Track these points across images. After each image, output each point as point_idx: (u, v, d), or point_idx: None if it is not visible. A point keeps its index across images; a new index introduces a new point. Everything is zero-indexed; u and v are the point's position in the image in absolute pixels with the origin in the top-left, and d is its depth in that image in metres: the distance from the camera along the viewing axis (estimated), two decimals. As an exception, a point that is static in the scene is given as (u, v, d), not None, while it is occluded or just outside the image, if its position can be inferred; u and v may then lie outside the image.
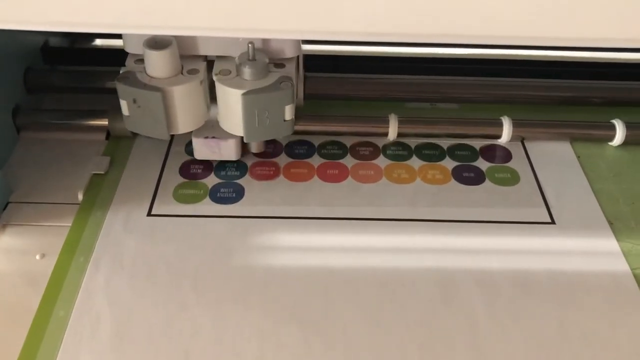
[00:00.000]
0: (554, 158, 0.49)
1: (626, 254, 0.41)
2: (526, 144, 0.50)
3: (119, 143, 0.49)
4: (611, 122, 0.50)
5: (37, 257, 0.40)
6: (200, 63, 0.42)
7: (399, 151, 0.49)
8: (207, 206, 0.44)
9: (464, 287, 0.39)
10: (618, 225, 0.43)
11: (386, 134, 0.49)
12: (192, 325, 0.36)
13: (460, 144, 0.50)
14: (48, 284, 0.38)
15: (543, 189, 0.46)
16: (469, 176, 0.47)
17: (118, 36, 0.61)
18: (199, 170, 0.47)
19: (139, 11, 0.28)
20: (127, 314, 0.36)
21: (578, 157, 0.49)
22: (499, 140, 0.50)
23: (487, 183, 0.46)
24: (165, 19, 0.29)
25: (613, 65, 0.58)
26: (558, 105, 0.55)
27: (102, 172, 0.46)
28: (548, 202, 0.45)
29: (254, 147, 0.47)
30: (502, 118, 0.50)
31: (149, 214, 0.43)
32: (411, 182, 0.46)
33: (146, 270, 0.39)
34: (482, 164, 0.48)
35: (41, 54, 0.56)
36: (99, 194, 0.45)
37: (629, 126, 0.49)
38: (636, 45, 0.30)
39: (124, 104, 0.41)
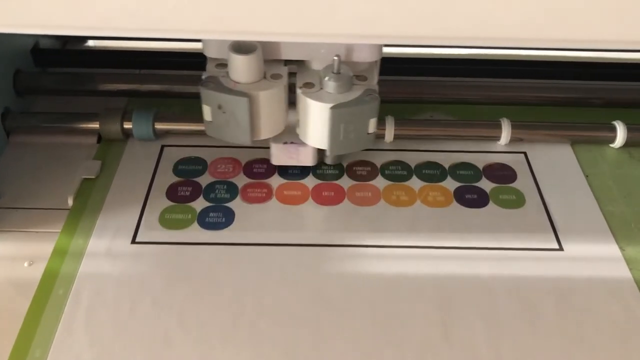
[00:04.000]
0: (561, 176, 0.47)
1: (638, 283, 0.39)
2: (529, 155, 0.48)
3: (111, 146, 0.48)
4: (612, 124, 0.49)
5: (26, 264, 0.39)
6: (282, 68, 0.41)
7: (398, 171, 0.46)
8: (195, 232, 0.41)
9: (466, 321, 0.36)
10: (629, 252, 0.41)
11: (382, 136, 0.48)
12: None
13: (462, 163, 0.47)
14: (37, 291, 0.37)
15: (550, 212, 0.43)
16: (471, 198, 0.44)
17: (110, 37, 0.60)
18: (187, 193, 0.44)
19: (127, 13, 0.27)
20: (108, 356, 0.34)
21: (587, 176, 0.46)
22: (498, 143, 0.49)
23: (491, 205, 0.44)
24: (152, 20, 0.27)
25: (614, 66, 0.57)
26: (558, 106, 0.53)
27: (93, 177, 0.45)
28: (555, 226, 0.42)
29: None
30: (501, 120, 0.48)
31: (133, 242, 0.41)
32: (411, 205, 0.44)
33: (129, 304, 0.37)
34: (486, 185, 0.46)
35: (31, 56, 0.55)
36: (89, 199, 0.43)
37: (630, 128, 0.48)
38: (636, 47, 0.28)
39: (207, 110, 0.40)
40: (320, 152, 0.45)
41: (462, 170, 0.47)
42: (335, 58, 0.39)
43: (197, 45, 0.57)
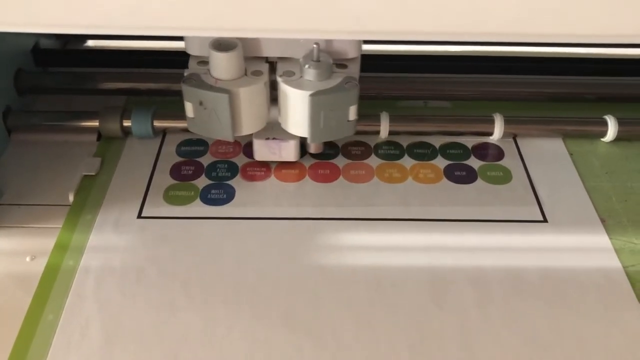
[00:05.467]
0: (547, 155, 0.49)
1: (618, 252, 0.41)
2: (518, 141, 0.50)
3: (110, 144, 0.49)
4: (603, 118, 0.50)
5: (28, 259, 0.40)
6: (263, 64, 0.41)
7: (391, 150, 0.49)
8: (198, 208, 0.44)
9: (455, 287, 0.38)
10: (610, 223, 0.43)
11: (378, 132, 0.49)
12: (183, 328, 0.36)
13: (452, 143, 0.50)
14: (38, 287, 0.38)
15: (535, 187, 0.46)
16: (460, 175, 0.47)
17: (110, 37, 0.62)
18: (190, 172, 0.46)
19: (128, 11, 0.28)
20: (116, 318, 0.36)
21: (571, 154, 0.49)
22: (491, 138, 0.50)
23: (479, 181, 0.46)
24: (151, 18, 0.28)
25: (605, 61, 0.58)
26: (550, 101, 0.54)
27: (93, 174, 0.46)
28: (540, 200, 0.44)
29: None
30: (494, 115, 0.49)
31: (139, 216, 0.43)
32: (403, 182, 0.46)
33: (136, 273, 0.39)
34: (474, 163, 0.48)
35: (32, 55, 0.56)
36: (89, 196, 0.44)
37: (621, 122, 0.49)
38: (628, 41, 0.30)
39: (188, 106, 0.41)
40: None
41: (452, 150, 0.49)
42: (315, 46, 0.39)
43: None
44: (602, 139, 0.50)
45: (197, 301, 0.37)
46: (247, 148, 0.48)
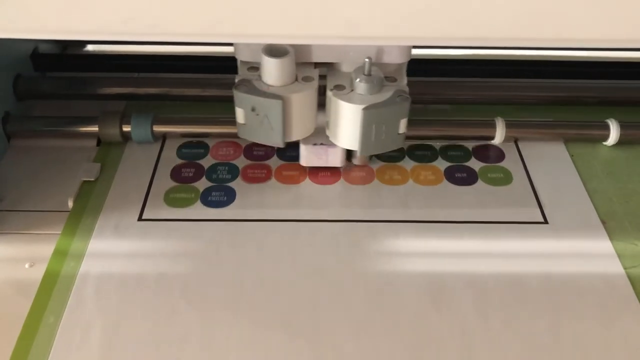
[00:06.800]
0: (548, 157, 0.49)
1: (619, 254, 0.41)
2: (520, 144, 0.50)
3: (110, 149, 0.49)
4: (605, 122, 0.50)
5: (27, 265, 0.40)
6: (313, 70, 0.41)
7: (391, 152, 0.48)
8: (198, 210, 0.44)
9: (455, 291, 0.38)
10: (611, 225, 0.43)
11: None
12: (182, 332, 0.36)
13: (452, 145, 0.49)
14: (38, 292, 0.38)
15: (536, 189, 0.45)
16: (461, 177, 0.46)
17: (109, 42, 0.61)
18: (190, 174, 0.46)
19: (123, 18, 0.28)
20: (116, 322, 0.36)
21: (572, 155, 0.48)
22: (492, 142, 0.50)
23: (480, 183, 0.46)
24: (148, 25, 0.28)
25: (606, 65, 0.57)
26: (551, 105, 0.54)
27: (93, 179, 0.46)
28: (541, 201, 0.44)
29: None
30: (495, 119, 0.49)
31: (140, 219, 0.43)
32: (403, 184, 0.46)
33: (136, 276, 0.39)
34: (475, 164, 0.48)
35: (31, 61, 0.55)
36: (89, 201, 0.44)
37: (623, 126, 0.49)
38: (629, 46, 0.29)
39: (240, 112, 0.41)
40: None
41: (452, 152, 0.49)
42: (367, 60, 0.39)
43: (193, 49, 0.59)
44: (604, 143, 0.50)
45: (195, 305, 0.37)
46: (247, 150, 0.48)
